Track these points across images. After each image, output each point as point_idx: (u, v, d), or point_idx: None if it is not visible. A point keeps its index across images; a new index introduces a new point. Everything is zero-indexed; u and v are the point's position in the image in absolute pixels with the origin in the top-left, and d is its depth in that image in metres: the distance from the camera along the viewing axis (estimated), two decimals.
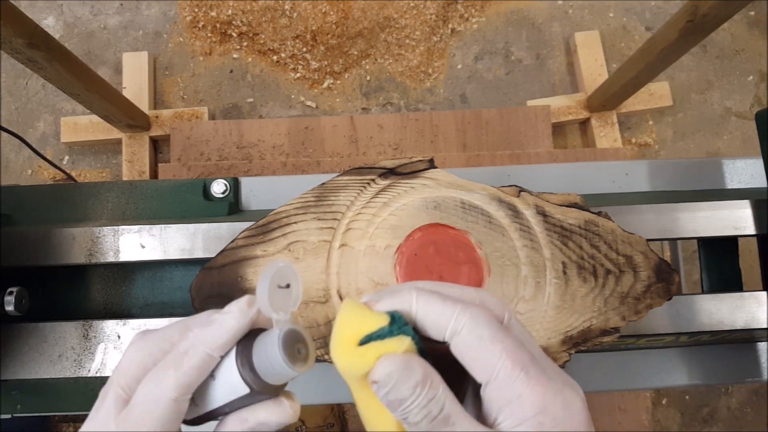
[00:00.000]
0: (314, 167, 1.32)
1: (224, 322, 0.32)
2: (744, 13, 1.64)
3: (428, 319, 0.29)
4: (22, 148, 1.48)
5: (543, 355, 0.30)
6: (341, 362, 0.29)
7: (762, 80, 1.61)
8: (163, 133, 1.46)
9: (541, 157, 1.35)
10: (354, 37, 1.55)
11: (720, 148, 1.57)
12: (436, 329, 0.29)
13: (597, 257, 0.54)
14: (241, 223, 0.58)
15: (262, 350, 0.32)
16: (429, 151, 1.41)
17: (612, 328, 0.53)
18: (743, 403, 1.45)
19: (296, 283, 0.32)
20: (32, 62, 1.01)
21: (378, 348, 0.28)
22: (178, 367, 0.32)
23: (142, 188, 0.66)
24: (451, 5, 1.60)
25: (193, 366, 0.32)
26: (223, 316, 0.32)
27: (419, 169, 0.55)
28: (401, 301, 0.30)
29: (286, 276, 0.32)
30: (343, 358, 0.29)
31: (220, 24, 1.55)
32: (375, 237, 0.54)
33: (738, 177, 0.70)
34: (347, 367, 0.28)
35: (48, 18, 1.58)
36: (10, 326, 0.58)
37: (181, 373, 0.31)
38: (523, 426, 0.27)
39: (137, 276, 0.64)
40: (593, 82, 1.51)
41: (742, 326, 0.59)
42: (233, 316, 0.32)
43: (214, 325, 0.32)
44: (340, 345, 0.29)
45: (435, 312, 0.29)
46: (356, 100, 1.56)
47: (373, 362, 0.28)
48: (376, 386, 0.27)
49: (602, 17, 1.62)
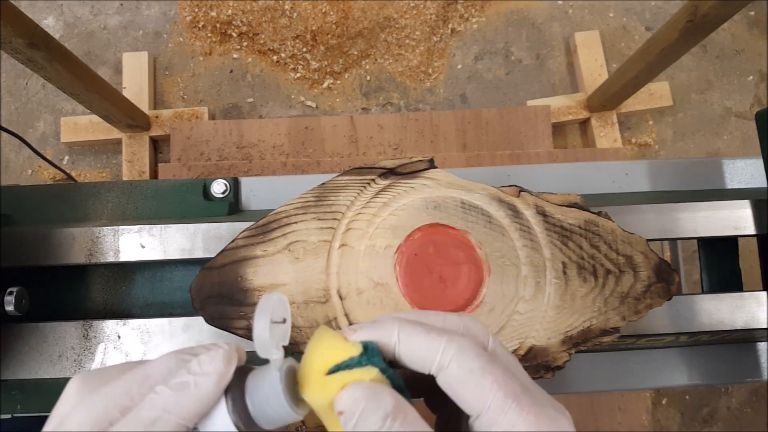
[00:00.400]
0: (314, 167, 1.33)
1: (200, 388, 0.27)
2: (744, 13, 1.64)
3: (413, 354, 0.28)
4: (22, 148, 1.48)
5: (529, 380, 0.30)
6: (306, 392, 0.27)
7: (762, 80, 1.61)
8: (163, 133, 1.46)
9: (541, 157, 1.35)
10: (354, 37, 1.55)
11: (720, 148, 1.57)
12: (421, 363, 0.28)
13: (597, 257, 0.54)
14: (241, 223, 0.58)
15: (260, 392, 0.28)
16: (429, 151, 1.41)
17: (612, 328, 0.53)
18: (743, 403, 1.45)
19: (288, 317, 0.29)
20: (32, 62, 1.01)
21: (344, 377, 0.26)
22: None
23: (142, 188, 0.66)
24: (451, 5, 1.60)
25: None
26: (197, 378, 0.27)
27: (419, 169, 0.55)
28: (382, 335, 0.28)
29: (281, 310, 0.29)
30: (307, 387, 0.27)
31: (220, 24, 1.55)
32: (375, 237, 0.54)
33: (738, 177, 0.70)
34: (311, 396, 0.27)
35: (48, 18, 1.58)
36: (10, 326, 0.58)
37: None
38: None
39: (137, 276, 0.64)
40: (593, 82, 1.51)
41: (742, 326, 0.59)
42: (211, 381, 0.27)
43: (188, 391, 0.27)
44: (306, 374, 0.28)
45: (420, 346, 0.28)
46: (356, 100, 1.56)
47: (336, 392, 0.26)
48: (343, 418, 0.25)
49: (602, 17, 1.62)
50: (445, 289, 0.51)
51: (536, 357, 0.51)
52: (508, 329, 0.51)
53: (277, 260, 0.54)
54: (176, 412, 0.27)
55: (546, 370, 0.51)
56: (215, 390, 0.27)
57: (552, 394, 0.34)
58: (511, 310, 0.51)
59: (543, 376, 0.51)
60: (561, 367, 0.51)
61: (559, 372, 0.52)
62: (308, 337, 0.53)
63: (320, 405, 0.27)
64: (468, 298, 0.51)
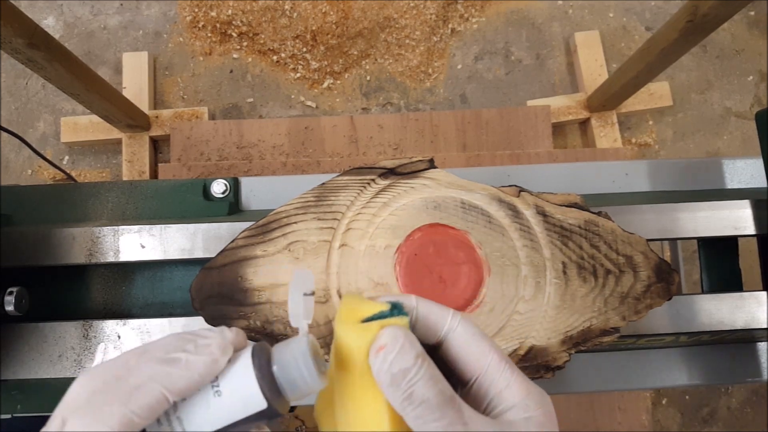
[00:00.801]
0: (314, 167, 1.33)
1: (191, 366, 0.29)
2: (744, 13, 1.64)
3: (429, 317, 0.32)
4: (22, 148, 1.48)
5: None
6: (347, 335, 0.29)
7: (762, 80, 1.61)
8: (163, 133, 1.46)
9: (541, 157, 1.35)
10: (354, 37, 1.55)
11: (720, 148, 1.57)
12: (434, 328, 0.32)
13: (597, 257, 0.54)
14: (241, 223, 0.58)
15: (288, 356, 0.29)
16: (429, 151, 1.41)
17: (612, 328, 0.53)
18: (743, 403, 1.45)
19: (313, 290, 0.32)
20: (32, 62, 1.01)
21: (381, 323, 0.29)
22: (125, 402, 0.28)
23: (142, 188, 0.66)
24: (451, 5, 1.60)
25: (143, 405, 0.28)
26: (190, 357, 0.29)
27: (419, 169, 0.55)
28: (402, 299, 0.32)
29: (309, 283, 0.32)
30: (349, 331, 0.29)
31: (220, 24, 1.55)
32: (375, 237, 0.54)
33: (738, 177, 0.70)
34: (353, 339, 0.29)
35: (48, 18, 1.58)
36: (10, 326, 0.58)
37: (128, 410, 0.28)
38: (513, 410, 0.30)
39: (137, 276, 0.64)
40: (593, 82, 1.51)
41: (742, 326, 0.59)
42: (203, 362, 0.29)
43: (178, 365, 0.29)
44: (346, 321, 0.30)
45: (435, 311, 0.32)
46: (356, 100, 1.56)
47: (376, 332, 0.29)
48: (383, 352, 0.28)
49: (602, 17, 1.62)
50: (445, 289, 0.51)
51: (536, 357, 0.51)
52: (508, 329, 0.51)
53: (277, 260, 0.54)
54: (160, 381, 0.28)
55: (546, 370, 0.51)
56: (205, 372, 0.29)
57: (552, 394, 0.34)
58: (511, 310, 0.51)
59: (543, 376, 0.51)
60: (561, 367, 0.51)
61: (559, 372, 0.52)
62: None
63: (358, 347, 0.29)
64: (468, 298, 0.51)
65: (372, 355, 0.28)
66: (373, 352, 0.28)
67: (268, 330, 0.53)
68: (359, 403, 0.29)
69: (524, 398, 0.30)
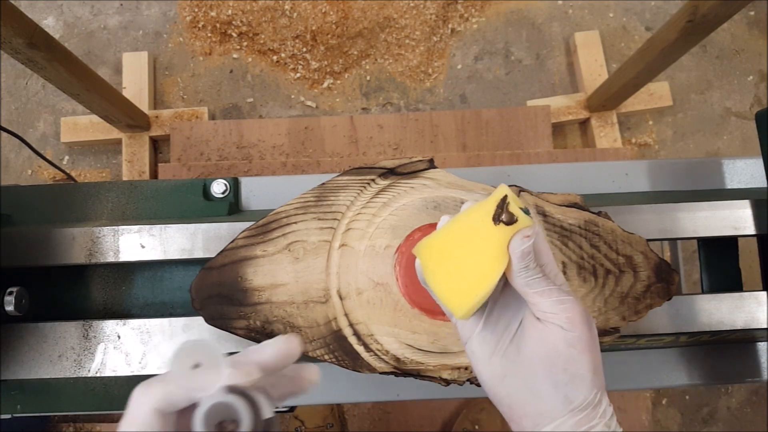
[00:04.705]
0: (314, 167, 1.33)
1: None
2: (744, 13, 1.64)
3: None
4: (22, 148, 1.48)
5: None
6: (515, 210, 0.39)
7: (762, 80, 1.61)
8: (163, 133, 1.46)
9: (541, 157, 1.35)
10: (354, 37, 1.55)
11: (720, 148, 1.57)
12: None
13: (597, 257, 0.54)
14: (241, 223, 0.58)
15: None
16: (429, 151, 1.41)
17: (612, 328, 0.53)
18: (743, 403, 1.45)
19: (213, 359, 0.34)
20: (32, 62, 1.01)
21: (525, 218, 0.39)
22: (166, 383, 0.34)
23: (142, 188, 0.66)
24: (451, 5, 1.60)
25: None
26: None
27: (419, 169, 0.55)
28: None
29: (203, 354, 0.33)
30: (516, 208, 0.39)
31: (220, 24, 1.55)
32: (375, 237, 0.54)
33: (738, 177, 0.70)
34: (522, 217, 0.39)
35: (48, 18, 1.58)
36: (10, 326, 0.58)
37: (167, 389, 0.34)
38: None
39: (137, 276, 0.64)
40: (593, 82, 1.51)
41: (742, 326, 0.59)
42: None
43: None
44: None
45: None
46: (356, 100, 1.56)
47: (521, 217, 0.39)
48: (527, 240, 0.39)
49: (602, 17, 1.62)
50: None
51: None
52: None
53: (277, 260, 0.54)
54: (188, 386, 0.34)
55: None
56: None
57: None
58: None
59: None
60: None
61: None
62: (309, 337, 0.53)
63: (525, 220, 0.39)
64: None
65: (518, 236, 0.39)
66: (520, 236, 0.39)
67: (268, 330, 0.53)
68: (481, 237, 0.39)
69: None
